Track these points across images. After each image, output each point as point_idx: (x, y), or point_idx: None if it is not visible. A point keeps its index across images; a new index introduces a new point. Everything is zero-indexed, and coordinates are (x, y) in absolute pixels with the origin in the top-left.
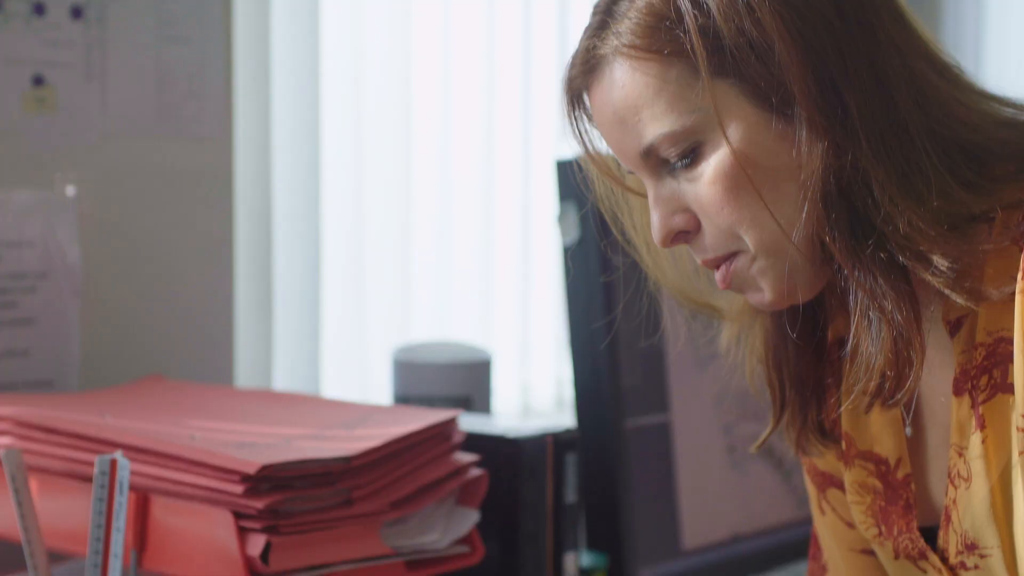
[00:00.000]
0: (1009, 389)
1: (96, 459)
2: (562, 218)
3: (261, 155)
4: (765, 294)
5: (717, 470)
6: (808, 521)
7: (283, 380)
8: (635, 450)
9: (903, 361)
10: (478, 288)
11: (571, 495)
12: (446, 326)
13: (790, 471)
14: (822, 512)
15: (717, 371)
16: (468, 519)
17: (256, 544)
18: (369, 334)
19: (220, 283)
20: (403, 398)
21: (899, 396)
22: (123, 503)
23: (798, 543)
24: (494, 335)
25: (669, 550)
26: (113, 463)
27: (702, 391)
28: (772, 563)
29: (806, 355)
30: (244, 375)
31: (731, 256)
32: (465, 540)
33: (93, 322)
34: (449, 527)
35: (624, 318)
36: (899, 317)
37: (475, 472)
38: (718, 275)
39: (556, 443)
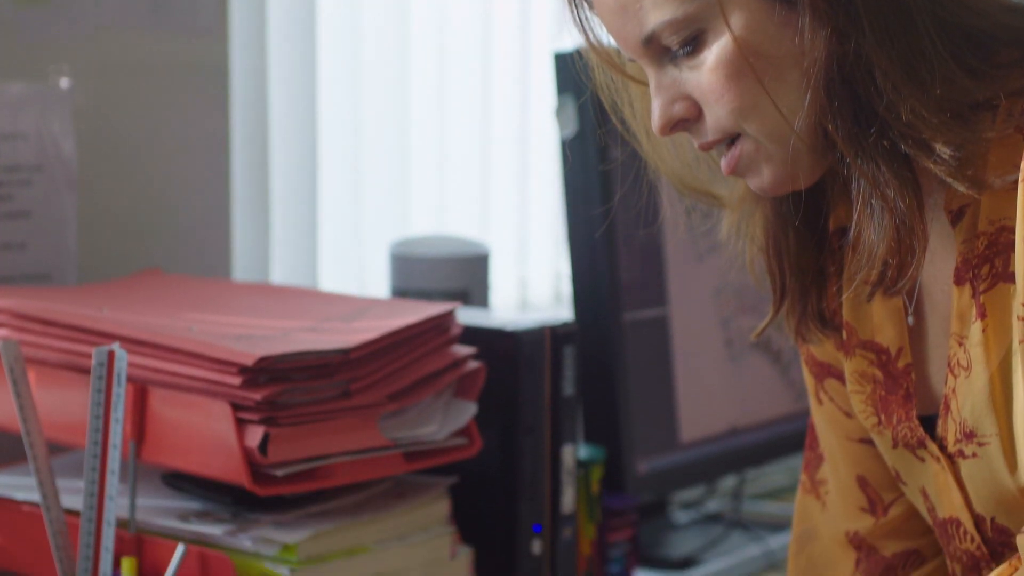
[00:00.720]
0: (1010, 278)
1: (94, 351)
2: (560, 111)
3: (257, 49)
4: (766, 179)
5: (715, 363)
6: (805, 414)
7: (280, 274)
8: (633, 344)
9: (905, 249)
10: (476, 183)
11: (569, 388)
12: (444, 221)
13: (788, 364)
14: (820, 402)
15: (715, 265)
16: (466, 411)
17: (254, 435)
18: (366, 228)
19: (216, 176)
20: (401, 292)
21: (901, 285)
22: (121, 395)
23: (795, 436)
24: (492, 230)
25: (666, 443)
26: (111, 355)
27: (700, 285)
28: (769, 455)
29: (807, 243)
30: (241, 269)
31: (733, 139)
32: (463, 432)
33: (89, 216)
34: (447, 419)
35: (622, 212)
36: (901, 205)
37: (473, 365)
38: (723, 160)
39: (554, 336)
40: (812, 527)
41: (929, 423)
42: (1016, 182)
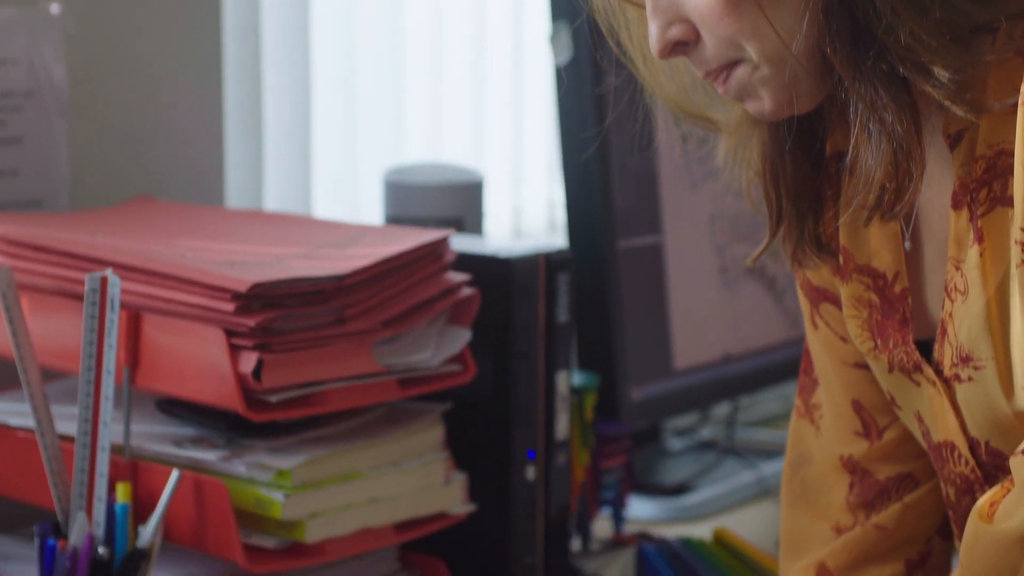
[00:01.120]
0: (1008, 202)
1: (87, 277)
2: (555, 38)
3: None
4: (765, 103)
5: (709, 291)
6: (799, 341)
7: (274, 201)
8: (627, 271)
9: (903, 174)
10: (470, 111)
11: (563, 315)
12: (438, 148)
13: (782, 292)
14: (815, 327)
15: (710, 192)
16: (460, 338)
17: (248, 361)
18: (360, 155)
19: (209, 103)
20: (394, 219)
21: (898, 209)
22: (114, 320)
23: (789, 363)
24: (486, 158)
25: (660, 370)
26: (104, 280)
27: (695, 212)
28: (763, 383)
29: (804, 167)
30: (235, 196)
31: (731, 66)
32: (457, 359)
33: (82, 143)
34: (441, 346)
35: (617, 139)
36: (899, 129)
37: (467, 291)
38: (718, 83)
39: (548, 263)
40: (806, 451)
41: (925, 347)
42: (1015, 105)
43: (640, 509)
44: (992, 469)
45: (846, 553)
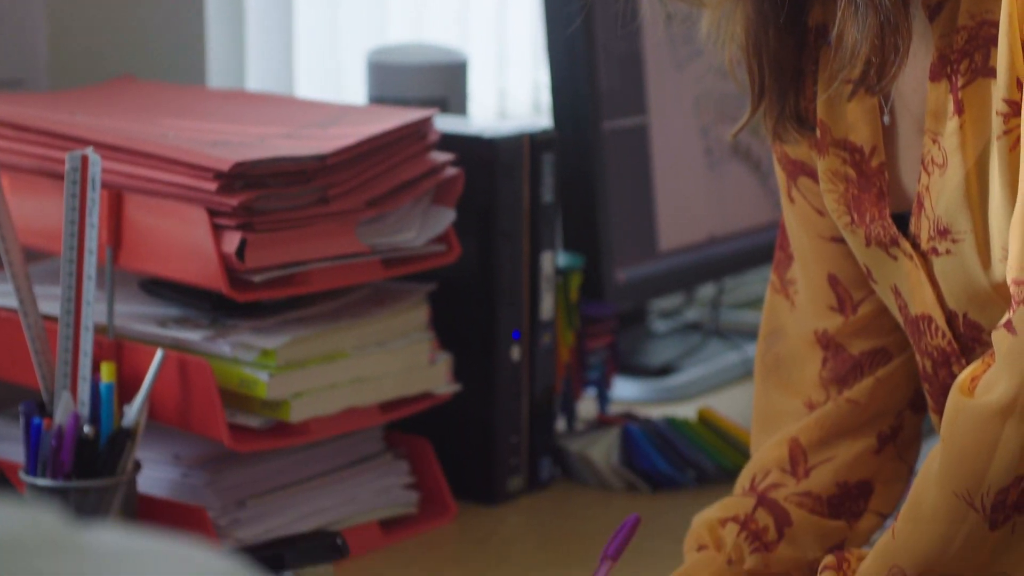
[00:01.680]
0: (990, 73)
1: (67, 155)
2: None
3: None
4: None
5: (694, 172)
6: None
7: (256, 81)
8: (612, 152)
9: (889, 48)
10: None
11: (548, 195)
12: (422, 29)
13: (767, 173)
14: (791, 200)
15: (695, 73)
16: (444, 218)
17: (231, 241)
18: (343, 35)
19: None
20: (378, 100)
21: (883, 83)
22: (96, 199)
23: (774, 245)
24: (471, 40)
25: (645, 251)
26: (84, 159)
27: (680, 93)
28: (748, 264)
29: (786, 41)
30: (216, 77)
31: None
32: (441, 239)
33: (60, 21)
34: (425, 226)
35: (602, 20)
36: (886, 2)
37: (451, 171)
38: None
39: (533, 143)
40: (780, 327)
41: (902, 221)
42: None
43: (625, 390)
44: (969, 342)
45: (818, 428)
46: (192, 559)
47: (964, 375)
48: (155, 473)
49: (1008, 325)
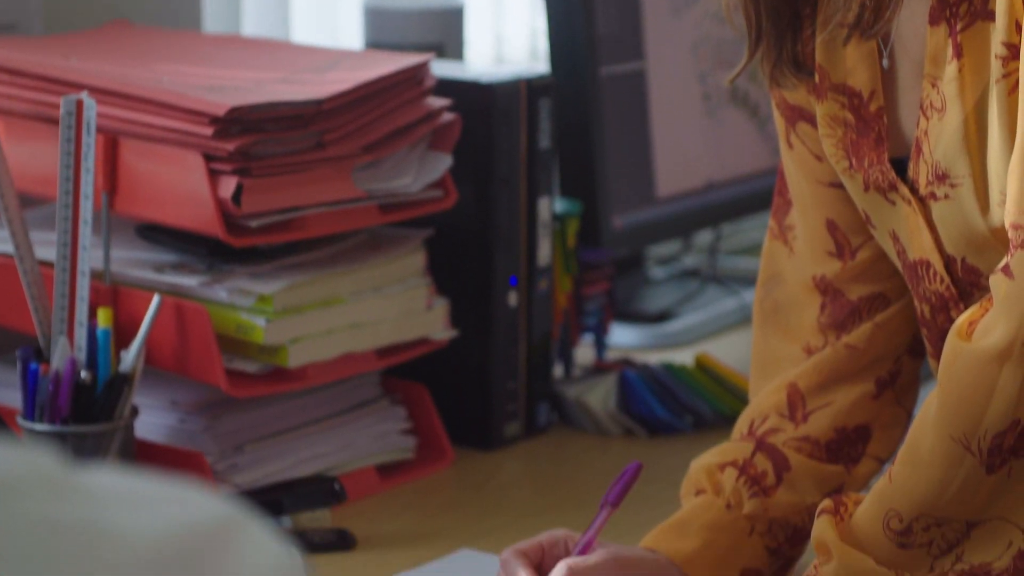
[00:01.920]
0: (990, 16)
1: (62, 99)
2: None
3: None
4: None
5: (692, 118)
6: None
7: (252, 26)
8: (609, 98)
9: None
10: None
11: (545, 141)
12: None
13: (765, 119)
14: (790, 146)
15: (692, 19)
16: (441, 163)
17: (227, 186)
18: None
19: None
20: (374, 45)
21: (878, 27)
22: (91, 144)
23: (772, 191)
24: None
25: (643, 198)
26: (79, 103)
27: (678, 39)
28: (745, 210)
29: None
30: (212, 20)
31: None
32: (438, 184)
33: None
34: (422, 171)
35: None
36: None
37: (448, 117)
38: None
39: (530, 89)
40: (778, 273)
41: (900, 166)
42: None
43: (622, 336)
44: (967, 286)
45: (816, 373)
46: (190, 501)
47: (962, 319)
48: (152, 419)
49: (1006, 269)
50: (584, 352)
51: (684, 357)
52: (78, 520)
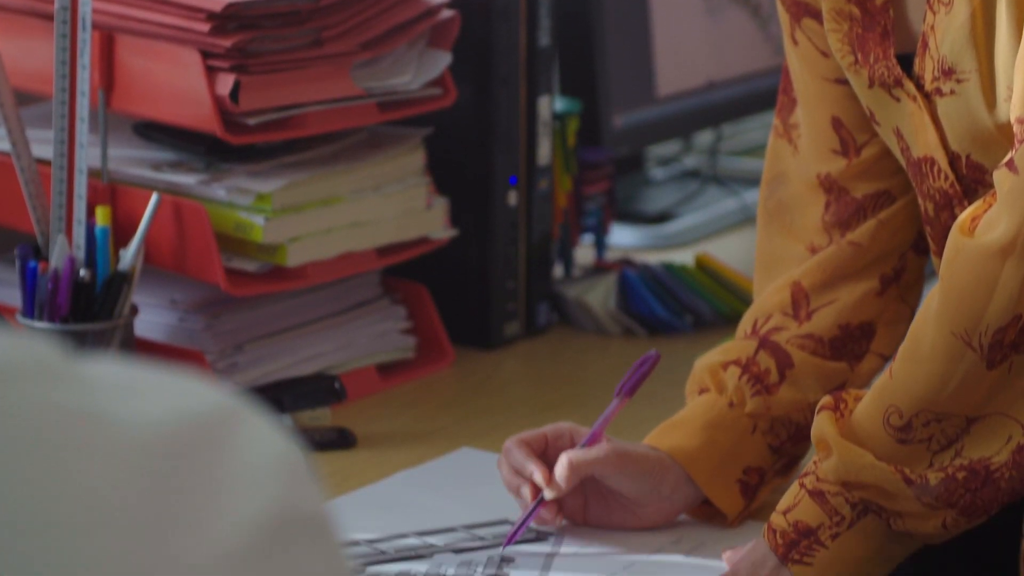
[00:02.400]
0: None
1: None
2: None
3: None
4: None
5: (693, 16)
6: (783, 69)
7: None
8: None
9: None
10: None
11: (545, 39)
12: None
13: (766, 19)
14: (795, 43)
15: None
16: (440, 61)
17: (225, 83)
18: None
19: None
20: None
21: None
22: (87, 40)
23: (773, 91)
24: None
25: (643, 96)
26: None
27: None
28: (746, 111)
29: None
30: None
31: None
32: (437, 82)
33: None
34: (421, 69)
35: None
36: None
37: (447, 13)
38: None
39: None
40: (783, 171)
41: (906, 62)
42: None
43: (622, 237)
44: (971, 183)
45: (820, 271)
46: (190, 391)
47: (965, 215)
48: (152, 318)
49: (1010, 164)
50: (584, 252)
51: (684, 257)
52: (76, 407)
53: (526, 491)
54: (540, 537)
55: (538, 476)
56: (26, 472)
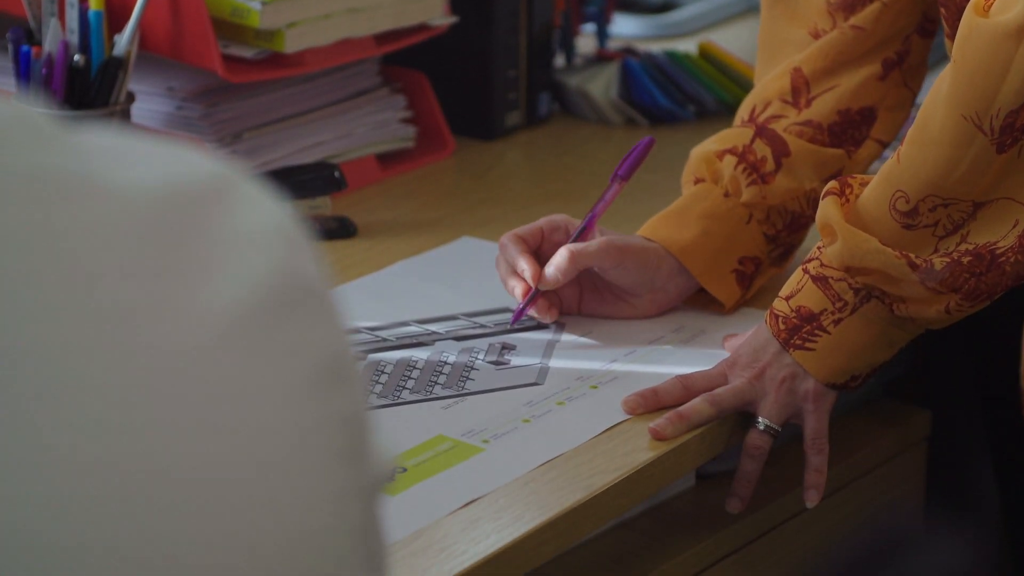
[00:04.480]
0: None
1: None
2: None
3: None
4: None
5: None
6: None
7: None
8: None
9: None
10: None
11: None
12: None
13: None
14: None
15: None
16: None
17: None
18: None
19: None
20: None
21: None
22: None
23: None
24: None
25: None
26: None
27: None
28: None
29: None
30: None
31: None
32: None
33: None
34: None
35: None
36: None
37: None
38: None
39: None
40: None
41: None
42: None
43: (624, 26)
44: None
45: (822, 57)
46: (184, 159)
47: None
48: (149, 106)
49: None
50: (586, 41)
51: (687, 47)
52: (67, 171)
53: (519, 289)
54: (541, 326)
55: (528, 273)
56: (12, 226)
